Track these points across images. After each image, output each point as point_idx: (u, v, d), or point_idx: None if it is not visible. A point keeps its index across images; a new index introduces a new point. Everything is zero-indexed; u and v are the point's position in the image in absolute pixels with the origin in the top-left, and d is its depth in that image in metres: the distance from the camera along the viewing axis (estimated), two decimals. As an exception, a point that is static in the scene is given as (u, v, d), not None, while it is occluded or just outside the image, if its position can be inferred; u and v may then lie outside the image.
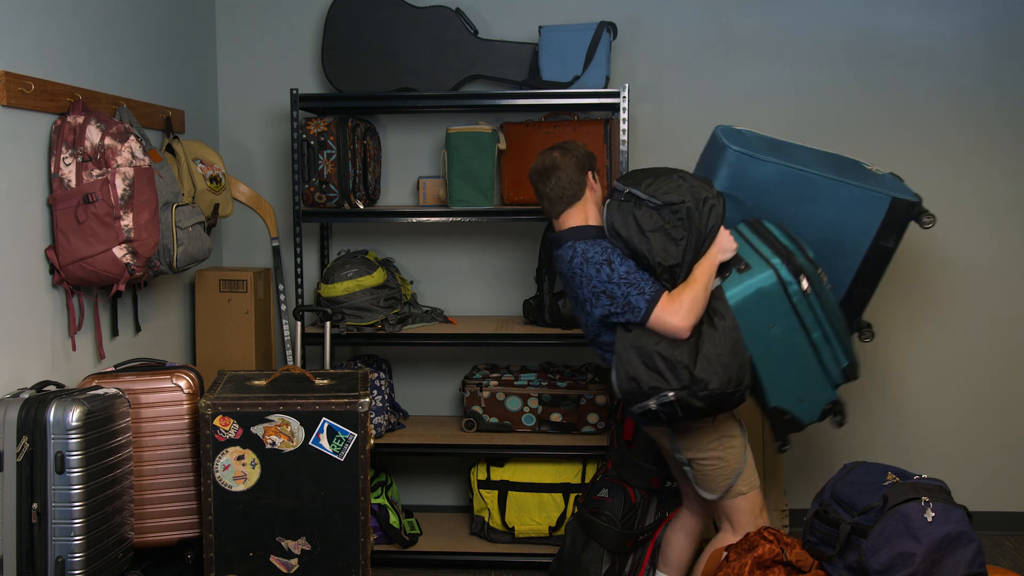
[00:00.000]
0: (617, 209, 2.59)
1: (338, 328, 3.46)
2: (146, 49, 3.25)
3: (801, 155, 2.80)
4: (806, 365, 2.63)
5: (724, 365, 2.47)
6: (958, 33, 3.72)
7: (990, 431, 3.83)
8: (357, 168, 3.49)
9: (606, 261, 2.55)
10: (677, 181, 2.56)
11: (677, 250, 2.53)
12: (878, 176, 2.88)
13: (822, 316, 2.59)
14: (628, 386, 2.52)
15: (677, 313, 2.48)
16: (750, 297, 2.53)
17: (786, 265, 2.54)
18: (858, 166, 2.89)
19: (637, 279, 2.53)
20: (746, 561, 2.70)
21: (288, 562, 2.59)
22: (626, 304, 2.51)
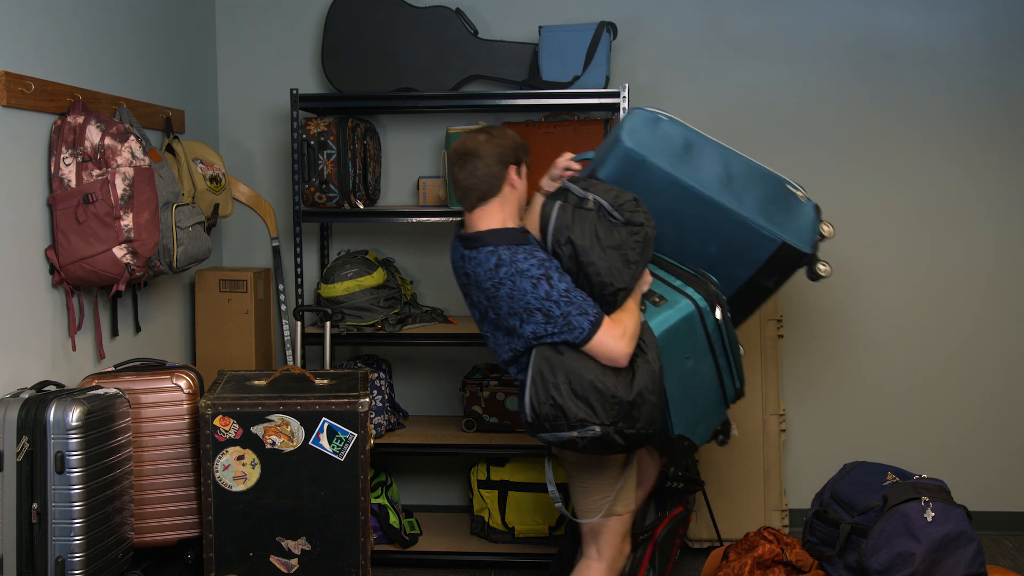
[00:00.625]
0: (573, 215, 2.38)
1: (338, 328, 3.46)
2: (146, 49, 3.25)
3: (711, 166, 2.61)
4: (709, 392, 2.59)
5: (652, 404, 2.34)
6: (958, 32, 3.72)
7: (990, 431, 3.83)
8: (357, 168, 3.49)
9: (544, 276, 2.29)
10: (635, 202, 2.43)
11: (628, 274, 2.37)
12: (794, 206, 2.69)
13: (728, 343, 2.56)
14: (549, 412, 2.30)
15: (622, 339, 2.30)
16: (673, 328, 2.45)
17: (702, 294, 2.49)
18: (779, 187, 2.70)
19: (578, 298, 2.30)
20: (746, 561, 2.70)
21: (288, 562, 2.59)
22: (566, 324, 2.28)
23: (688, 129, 2.66)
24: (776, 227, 2.59)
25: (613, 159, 2.54)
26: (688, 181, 2.54)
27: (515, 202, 2.44)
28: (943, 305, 3.81)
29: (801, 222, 2.68)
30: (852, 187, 3.80)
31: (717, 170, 2.61)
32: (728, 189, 2.58)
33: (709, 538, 3.64)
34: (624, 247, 2.37)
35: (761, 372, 3.69)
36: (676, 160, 2.56)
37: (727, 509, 3.64)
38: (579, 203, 2.41)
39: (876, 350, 3.84)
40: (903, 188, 3.79)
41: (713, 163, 2.62)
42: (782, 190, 2.70)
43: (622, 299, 2.38)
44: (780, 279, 2.70)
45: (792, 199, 2.71)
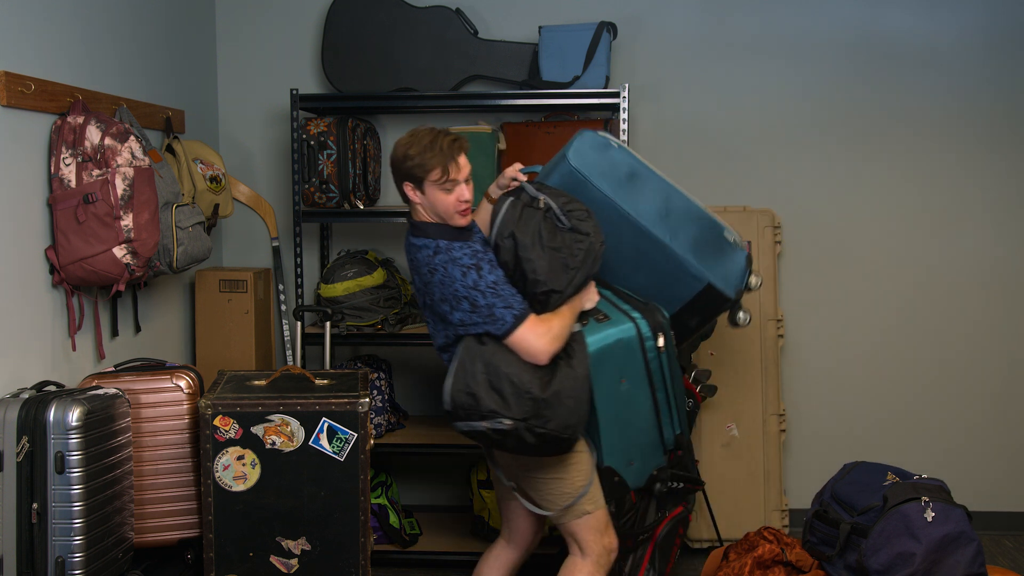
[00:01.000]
0: (521, 212, 2.43)
1: (338, 328, 3.46)
2: (146, 49, 3.25)
3: (651, 198, 2.64)
4: (644, 427, 2.56)
5: (569, 408, 2.35)
6: (958, 32, 3.72)
7: (990, 431, 3.83)
8: (357, 168, 3.49)
9: (474, 266, 2.35)
10: (586, 213, 2.47)
11: (565, 278, 2.40)
12: (726, 252, 2.73)
13: (668, 376, 2.53)
14: (464, 400, 2.34)
15: (544, 336, 2.34)
16: (610, 346, 2.45)
17: (647, 319, 2.48)
18: (715, 231, 2.73)
19: (505, 292, 2.35)
20: (746, 561, 2.70)
21: (288, 562, 2.59)
22: (489, 315, 2.32)
23: (636, 160, 2.69)
24: (705, 268, 2.62)
25: (557, 174, 2.60)
26: (625, 207, 2.58)
27: (430, 211, 2.44)
28: (943, 305, 3.81)
29: (730, 267, 2.72)
30: (852, 187, 3.80)
31: (657, 203, 2.64)
32: (664, 223, 2.62)
33: (709, 538, 3.64)
34: (565, 251, 2.41)
35: (761, 372, 3.69)
36: (617, 186, 2.60)
37: (727, 509, 3.64)
38: (530, 202, 2.46)
39: (876, 350, 3.84)
40: (903, 188, 3.79)
41: (654, 196, 2.65)
42: (717, 234, 2.73)
43: (555, 302, 2.41)
44: (701, 321, 2.74)
45: (725, 245, 2.74)
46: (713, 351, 3.66)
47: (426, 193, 2.41)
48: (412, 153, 2.39)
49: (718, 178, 3.82)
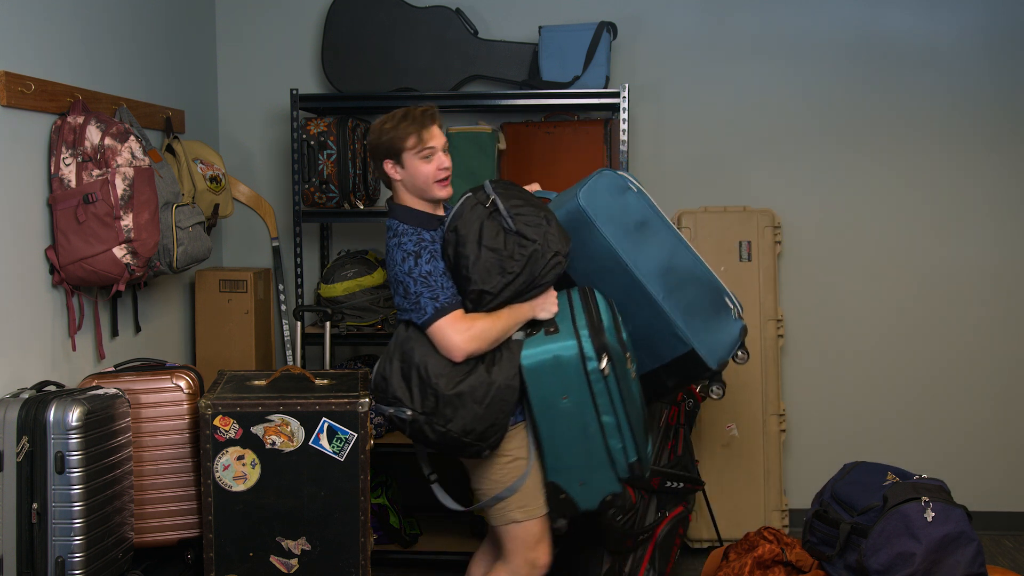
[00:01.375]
0: (471, 208, 2.43)
1: (338, 328, 3.46)
2: (146, 49, 3.25)
3: (656, 252, 2.61)
4: (593, 448, 2.46)
5: (474, 414, 2.34)
6: (958, 32, 3.72)
7: (990, 431, 3.83)
8: (357, 168, 3.49)
9: (414, 254, 2.39)
10: (540, 220, 2.42)
11: (500, 281, 2.38)
12: (722, 320, 2.68)
13: (618, 401, 2.42)
14: (378, 383, 2.43)
15: (462, 333, 2.34)
16: (547, 362, 2.39)
17: (592, 339, 2.37)
18: (716, 296, 2.69)
19: (436, 283, 2.37)
20: (746, 561, 2.70)
21: (288, 562, 2.58)
22: (415, 303, 2.36)
23: (651, 208, 2.66)
24: (692, 333, 2.58)
25: (565, 209, 2.59)
26: (624, 257, 2.56)
27: (407, 190, 2.49)
28: (943, 304, 3.81)
29: (720, 337, 2.66)
30: (852, 187, 3.80)
31: (661, 258, 2.61)
32: (662, 279, 2.58)
33: (709, 538, 3.65)
34: (504, 253, 2.38)
35: (761, 372, 3.69)
36: (623, 233, 2.58)
37: (727, 509, 3.64)
38: (484, 200, 2.45)
39: (876, 350, 3.84)
40: (903, 187, 3.79)
41: (659, 250, 2.62)
42: (718, 300, 2.70)
43: (487, 303, 2.40)
44: (679, 383, 2.72)
45: (724, 312, 2.70)
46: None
47: (406, 166, 2.45)
48: (387, 127, 2.45)
49: (718, 178, 3.82)
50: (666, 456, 3.13)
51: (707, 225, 3.73)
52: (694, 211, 3.76)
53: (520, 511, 2.50)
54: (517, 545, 2.52)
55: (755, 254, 3.72)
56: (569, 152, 3.51)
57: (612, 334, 2.42)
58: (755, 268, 3.72)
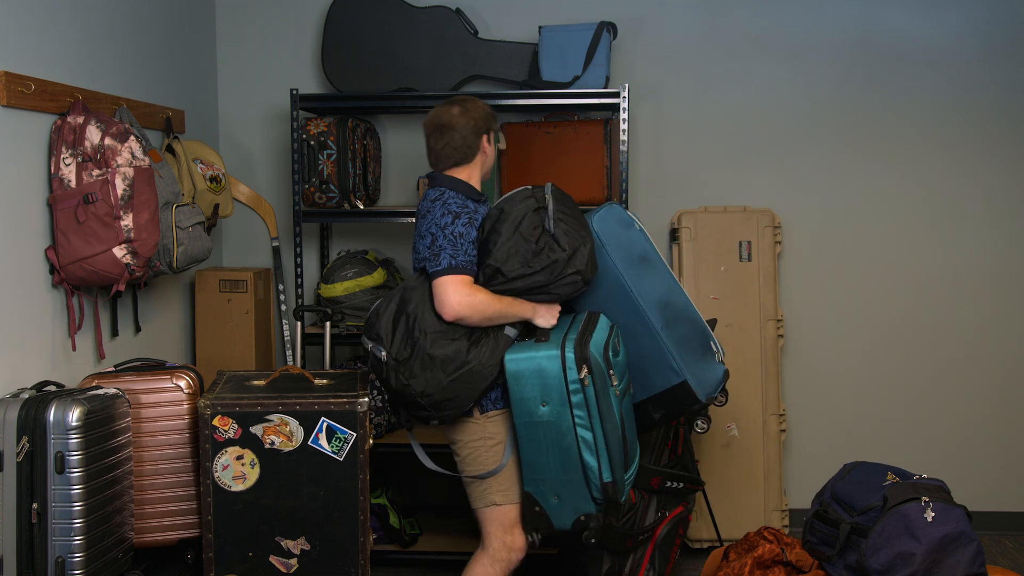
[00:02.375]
0: (524, 198, 2.54)
1: (338, 328, 3.46)
2: (146, 49, 3.25)
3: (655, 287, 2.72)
4: (568, 462, 2.48)
5: (437, 381, 2.42)
6: (958, 32, 3.72)
7: (990, 431, 3.83)
8: (357, 168, 3.49)
9: (454, 214, 2.49)
10: (579, 236, 2.51)
11: (518, 270, 2.46)
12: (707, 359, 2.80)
13: (595, 416, 2.44)
14: (370, 316, 2.53)
15: (460, 295, 2.41)
16: (529, 368, 2.44)
17: (575, 351, 2.42)
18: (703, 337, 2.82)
19: (462, 245, 2.46)
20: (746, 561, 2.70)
21: (288, 562, 2.58)
22: (435, 253, 2.45)
23: (651, 247, 2.80)
24: (686, 365, 2.68)
25: None
26: (630, 284, 2.66)
27: (481, 166, 2.67)
28: (943, 304, 3.81)
29: (708, 375, 2.78)
30: (852, 186, 3.80)
31: (659, 292, 2.73)
32: (661, 312, 2.69)
33: (709, 538, 3.64)
34: (533, 246, 2.47)
35: (761, 372, 3.69)
36: (629, 264, 2.69)
37: (727, 509, 3.64)
38: (537, 195, 2.57)
39: (876, 350, 3.84)
40: (903, 187, 3.79)
41: (658, 285, 2.74)
42: (704, 342, 2.81)
43: (498, 284, 2.47)
44: (665, 416, 2.76)
45: (708, 355, 2.82)
46: (713, 351, 3.67)
47: (491, 143, 2.68)
48: (489, 110, 2.68)
49: (718, 178, 3.82)
50: (666, 456, 3.13)
51: (707, 225, 3.73)
52: (694, 211, 3.76)
53: (500, 495, 2.58)
54: (495, 528, 2.60)
55: (755, 254, 3.72)
56: (569, 152, 3.51)
57: (599, 349, 2.47)
58: (755, 268, 3.72)
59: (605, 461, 2.48)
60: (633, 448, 2.67)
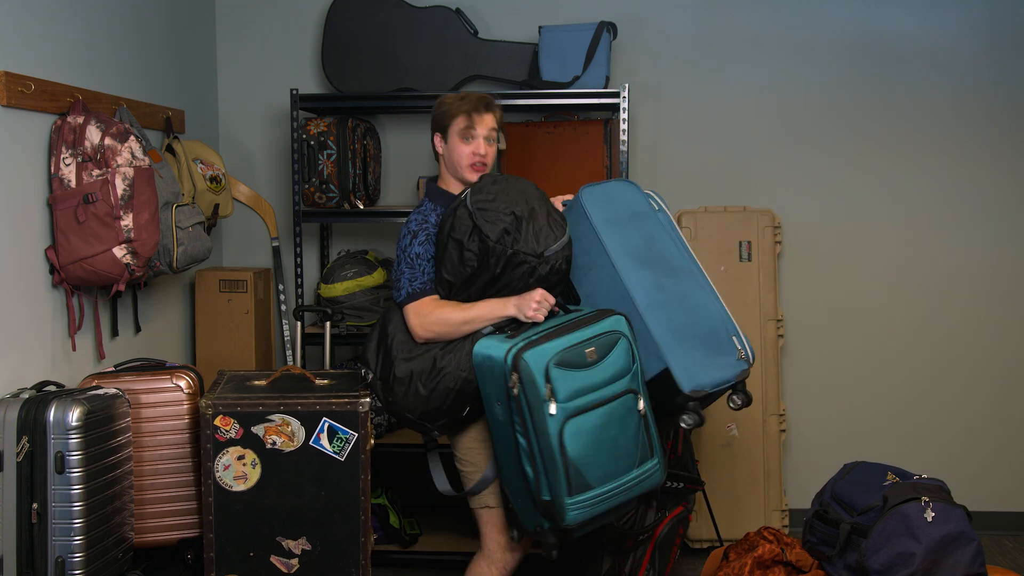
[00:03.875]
0: (458, 199, 2.46)
1: (338, 328, 3.46)
2: (146, 49, 3.25)
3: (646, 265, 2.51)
4: (515, 468, 2.38)
5: (417, 395, 2.44)
6: (958, 32, 3.73)
7: (991, 431, 3.83)
8: (357, 168, 3.49)
9: (412, 233, 2.51)
10: (506, 218, 2.35)
11: (462, 273, 2.42)
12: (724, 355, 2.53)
13: (530, 427, 2.28)
14: (366, 340, 2.60)
15: (422, 319, 2.45)
16: (482, 362, 2.36)
17: (513, 353, 2.27)
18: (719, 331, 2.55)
19: (419, 267, 2.49)
20: (746, 561, 2.70)
21: (288, 562, 2.58)
22: (397, 280, 2.52)
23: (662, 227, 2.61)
24: (671, 352, 2.43)
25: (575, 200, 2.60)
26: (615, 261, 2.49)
27: (449, 164, 2.61)
28: (943, 304, 3.81)
29: (707, 369, 2.48)
30: (852, 187, 3.80)
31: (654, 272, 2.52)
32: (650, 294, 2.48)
33: (709, 538, 3.64)
34: (465, 246, 2.39)
35: (761, 372, 3.69)
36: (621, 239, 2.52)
37: (727, 509, 3.64)
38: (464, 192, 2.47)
39: (876, 350, 3.84)
40: (903, 187, 3.79)
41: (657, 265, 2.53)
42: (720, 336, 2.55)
43: (455, 293, 2.46)
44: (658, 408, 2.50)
45: (721, 349, 2.54)
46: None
47: (448, 142, 2.59)
48: (446, 103, 2.60)
49: (718, 178, 3.82)
50: (666, 456, 3.13)
51: (707, 225, 3.73)
52: (694, 211, 3.76)
53: (492, 497, 2.57)
54: (490, 529, 2.60)
55: (755, 254, 3.72)
56: (569, 152, 3.52)
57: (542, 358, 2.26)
58: (755, 268, 3.72)
59: (543, 478, 2.30)
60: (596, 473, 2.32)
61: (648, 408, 2.42)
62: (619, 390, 2.35)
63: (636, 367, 2.40)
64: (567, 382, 2.28)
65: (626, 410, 2.36)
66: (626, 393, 2.36)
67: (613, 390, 2.34)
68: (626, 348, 2.38)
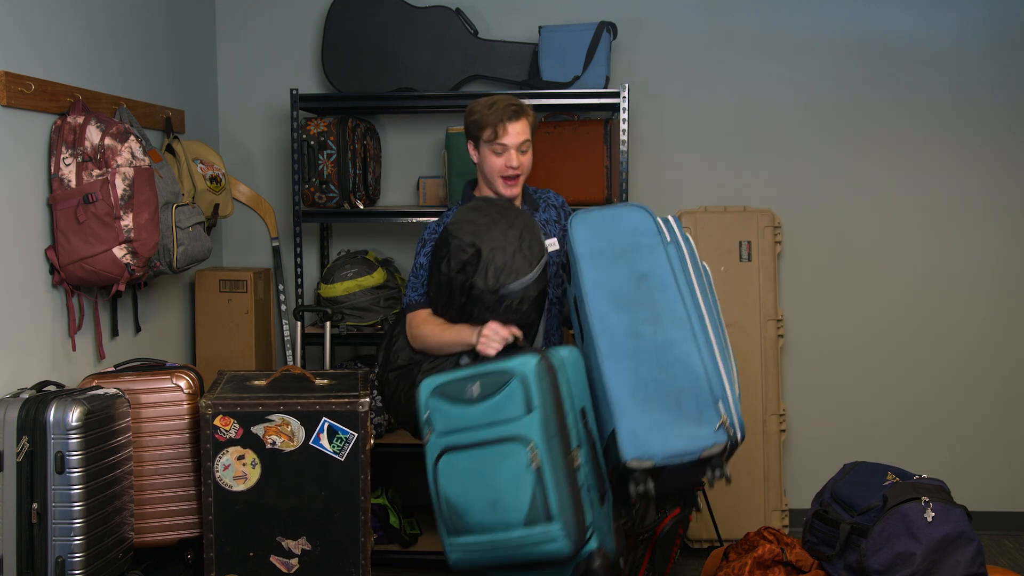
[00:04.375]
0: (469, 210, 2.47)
1: (338, 328, 3.46)
2: (146, 49, 3.25)
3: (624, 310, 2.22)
4: None
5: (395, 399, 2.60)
6: (958, 32, 3.73)
7: (991, 431, 3.83)
8: (357, 168, 3.49)
9: (423, 241, 2.58)
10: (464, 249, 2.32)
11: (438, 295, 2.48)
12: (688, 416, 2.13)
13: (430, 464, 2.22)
14: None
15: (411, 330, 2.56)
16: (423, 386, 2.27)
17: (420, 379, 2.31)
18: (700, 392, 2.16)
19: (420, 277, 2.55)
20: (746, 561, 2.70)
21: (288, 562, 2.58)
22: (405, 288, 2.59)
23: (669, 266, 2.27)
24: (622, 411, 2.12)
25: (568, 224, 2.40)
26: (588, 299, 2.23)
27: (483, 174, 2.61)
28: (943, 304, 3.81)
29: (667, 435, 2.12)
30: (852, 186, 3.80)
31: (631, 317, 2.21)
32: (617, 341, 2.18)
33: (709, 538, 3.64)
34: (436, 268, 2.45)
35: (761, 372, 3.69)
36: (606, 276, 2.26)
37: (727, 509, 3.64)
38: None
39: (876, 350, 3.84)
40: (903, 187, 3.79)
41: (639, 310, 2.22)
42: (696, 398, 2.15)
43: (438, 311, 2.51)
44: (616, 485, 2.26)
45: (695, 414, 2.15)
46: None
47: (480, 152, 2.58)
48: (475, 111, 2.57)
49: (718, 178, 3.82)
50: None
51: (707, 225, 3.73)
52: (694, 211, 3.76)
53: None
54: None
55: (755, 254, 3.72)
56: (569, 152, 3.51)
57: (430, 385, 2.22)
58: (755, 268, 3.72)
59: (447, 521, 2.20)
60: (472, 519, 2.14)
61: (550, 466, 2.08)
62: (499, 435, 2.11)
63: (537, 416, 2.09)
64: (443, 414, 2.19)
65: (503, 458, 2.10)
66: (508, 441, 2.10)
67: (491, 434, 2.12)
68: (519, 393, 2.11)
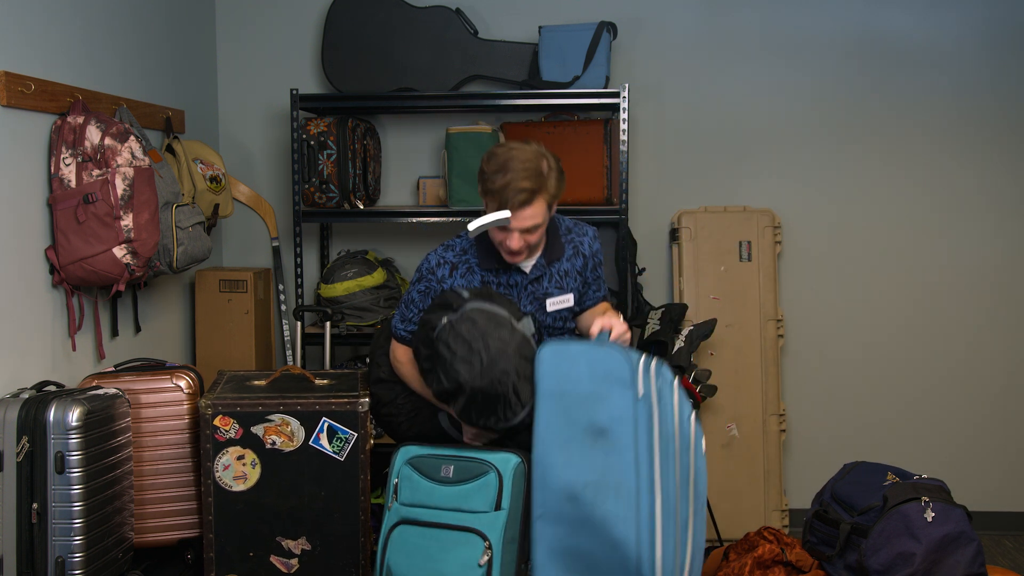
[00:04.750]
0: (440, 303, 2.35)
1: (338, 328, 3.46)
2: (146, 49, 3.25)
3: (572, 467, 2.07)
4: None
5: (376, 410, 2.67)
6: (958, 32, 3.73)
7: (991, 431, 3.83)
8: (357, 168, 3.49)
9: (418, 276, 2.50)
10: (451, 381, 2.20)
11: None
12: None
13: None
14: None
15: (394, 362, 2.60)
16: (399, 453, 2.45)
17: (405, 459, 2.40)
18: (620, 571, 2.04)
19: (411, 312, 2.52)
20: (746, 561, 2.70)
21: (288, 562, 2.58)
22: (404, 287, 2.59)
23: (632, 425, 2.08)
24: None
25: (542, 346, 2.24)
26: (538, 449, 2.11)
27: None
28: (943, 304, 3.81)
29: None
30: (852, 186, 3.80)
31: (576, 477, 2.06)
32: (557, 502, 2.08)
33: (709, 538, 3.64)
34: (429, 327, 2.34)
35: (761, 372, 3.69)
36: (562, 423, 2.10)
37: (727, 509, 3.64)
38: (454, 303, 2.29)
39: (876, 350, 3.84)
40: (903, 187, 3.79)
41: (584, 471, 2.07)
42: None
43: None
44: None
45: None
46: (713, 351, 3.66)
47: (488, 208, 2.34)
48: (486, 171, 2.31)
49: (718, 178, 3.82)
50: None
51: (707, 225, 3.73)
52: (694, 211, 3.77)
53: None
54: None
55: (755, 254, 3.72)
56: (569, 152, 3.51)
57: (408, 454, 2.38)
58: (755, 268, 3.72)
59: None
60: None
61: (500, 570, 2.13)
62: (460, 523, 2.16)
63: (503, 517, 2.13)
64: (412, 486, 2.31)
65: (456, 546, 2.15)
66: (467, 531, 2.15)
67: (453, 519, 2.17)
68: (493, 487, 2.15)
